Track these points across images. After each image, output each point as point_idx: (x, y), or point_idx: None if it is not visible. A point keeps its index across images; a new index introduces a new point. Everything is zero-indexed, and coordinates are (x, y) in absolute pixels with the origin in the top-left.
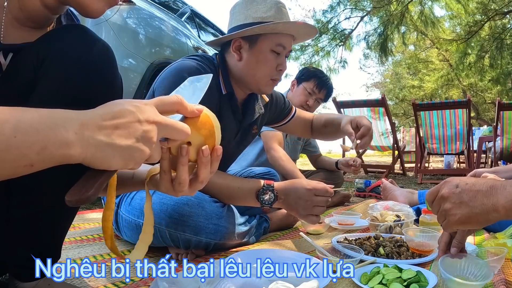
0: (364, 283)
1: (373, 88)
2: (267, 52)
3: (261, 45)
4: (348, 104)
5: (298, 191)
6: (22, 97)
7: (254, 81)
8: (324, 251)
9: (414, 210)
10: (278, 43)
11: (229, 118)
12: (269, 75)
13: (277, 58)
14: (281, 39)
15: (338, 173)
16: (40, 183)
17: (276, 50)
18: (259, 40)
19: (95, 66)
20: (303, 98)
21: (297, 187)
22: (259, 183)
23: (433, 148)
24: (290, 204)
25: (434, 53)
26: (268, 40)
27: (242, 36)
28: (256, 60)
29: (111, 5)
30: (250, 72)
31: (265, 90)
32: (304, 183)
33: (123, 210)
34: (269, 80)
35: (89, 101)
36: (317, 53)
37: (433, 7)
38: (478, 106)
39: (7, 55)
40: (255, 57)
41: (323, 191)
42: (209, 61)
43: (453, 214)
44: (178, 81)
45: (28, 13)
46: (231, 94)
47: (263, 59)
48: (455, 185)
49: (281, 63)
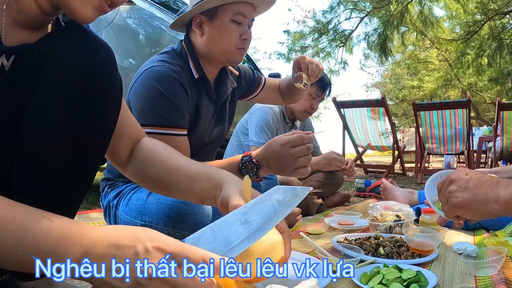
0: (364, 283)
1: (373, 88)
2: (228, 23)
3: (221, 17)
4: (348, 104)
5: (275, 151)
6: (25, 98)
7: (221, 53)
8: (324, 251)
9: (414, 210)
10: (237, 12)
11: (206, 101)
12: (234, 45)
13: (239, 28)
14: (240, 8)
15: (338, 173)
16: (41, 183)
17: (237, 19)
18: (218, 12)
19: (95, 66)
20: (308, 104)
21: (273, 148)
22: (237, 159)
23: (433, 148)
24: (273, 167)
25: (434, 53)
26: (227, 11)
27: (201, 12)
28: (219, 32)
29: (101, 13)
30: (215, 45)
31: (234, 59)
32: (278, 140)
33: (120, 211)
34: (236, 50)
35: (89, 101)
36: (318, 54)
37: (432, 8)
38: (478, 106)
39: (9, 57)
40: (217, 29)
41: (299, 140)
42: (177, 53)
43: (455, 196)
44: (152, 91)
45: (26, 16)
46: (203, 77)
47: (225, 30)
48: (465, 172)
49: (244, 32)
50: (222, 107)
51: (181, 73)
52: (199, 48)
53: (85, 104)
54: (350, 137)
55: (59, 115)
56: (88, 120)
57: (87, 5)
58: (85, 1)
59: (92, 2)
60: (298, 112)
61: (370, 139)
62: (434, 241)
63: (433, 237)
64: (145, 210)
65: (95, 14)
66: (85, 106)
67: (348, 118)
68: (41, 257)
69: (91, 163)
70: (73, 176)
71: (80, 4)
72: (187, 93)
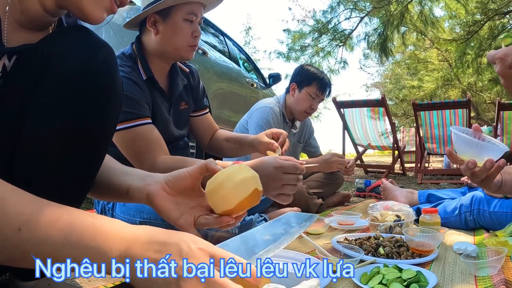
0: (364, 283)
1: (373, 88)
2: (181, 22)
3: (174, 16)
4: (348, 104)
5: (266, 170)
6: (27, 98)
7: (174, 50)
8: (324, 251)
9: (414, 210)
10: (189, 12)
11: (159, 98)
12: (186, 43)
13: (191, 26)
14: (192, 8)
15: (338, 173)
16: (43, 181)
17: (189, 18)
18: (172, 11)
19: (96, 66)
20: (307, 104)
21: (265, 166)
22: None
23: (433, 148)
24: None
25: (434, 53)
26: (180, 10)
27: (156, 12)
28: (172, 30)
29: (110, 13)
30: (169, 43)
31: (186, 56)
32: (272, 161)
33: (118, 211)
34: (188, 47)
35: (91, 100)
36: (317, 53)
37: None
38: (478, 106)
39: (11, 58)
40: (170, 28)
41: (292, 168)
42: (127, 56)
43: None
44: None
45: (29, 17)
46: (151, 78)
47: (178, 28)
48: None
49: (195, 30)
50: (177, 103)
51: (132, 73)
52: (152, 46)
53: (87, 103)
54: (350, 137)
55: (61, 114)
56: (90, 119)
57: (99, 6)
58: (98, 3)
59: (104, 4)
60: (298, 112)
61: (370, 139)
62: (434, 241)
63: (433, 237)
64: (143, 207)
65: (105, 14)
66: (87, 105)
67: (348, 118)
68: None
69: (94, 161)
70: (76, 174)
71: (92, 6)
72: (141, 88)
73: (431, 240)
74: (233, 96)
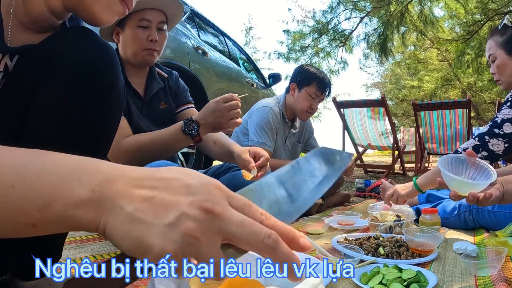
0: (364, 283)
1: (373, 88)
2: (134, 29)
3: (129, 25)
4: (348, 104)
5: (210, 107)
6: (29, 97)
7: (133, 56)
8: (324, 251)
9: (414, 210)
10: (141, 18)
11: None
12: (140, 47)
13: (146, 31)
14: (144, 14)
15: None
16: None
17: (142, 24)
18: (126, 21)
19: (97, 67)
20: (307, 104)
21: (208, 106)
22: (180, 122)
23: (433, 148)
24: (211, 123)
25: (434, 53)
26: (132, 19)
27: (117, 24)
28: (128, 38)
29: (120, 16)
30: (128, 50)
31: (145, 60)
32: (213, 100)
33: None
34: (143, 51)
35: (93, 100)
36: (317, 54)
37: (432, 8)
38: (478, 106)
39: (13, 58)
40: (127, 36)
41: (229, 96)
42: None
43: None
44: None
45: (33, 18)
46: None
47: (132, 35)
48: None
49: (149, 35)
50: (152, 103)
51: None
52: (121, 55)
53: (89, 103)
54: (350, 137)
55: (63, 114)
56: (92, 119)
57: (111, 11)
58: (110, 8)
59: (117, 10)
60: (299, 112)
61: (370, 139)
62: (434, 241)
63: (433, 237)
64: None
65: (115, 16)
66: (89, 104)
67: (348, 118)
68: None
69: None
70: None
71: (104, 11)
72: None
73: (431, 240)
74: None
